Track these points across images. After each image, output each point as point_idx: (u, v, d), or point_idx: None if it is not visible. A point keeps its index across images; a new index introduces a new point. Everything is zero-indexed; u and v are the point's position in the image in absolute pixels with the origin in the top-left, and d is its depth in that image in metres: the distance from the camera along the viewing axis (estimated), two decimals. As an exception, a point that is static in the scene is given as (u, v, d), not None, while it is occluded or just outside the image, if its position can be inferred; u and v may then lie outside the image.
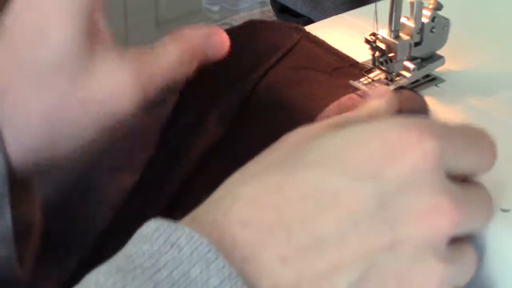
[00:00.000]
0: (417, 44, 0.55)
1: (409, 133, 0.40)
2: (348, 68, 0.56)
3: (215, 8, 1.15)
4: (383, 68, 0.55)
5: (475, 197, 0.42)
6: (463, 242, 0.42)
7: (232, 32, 0.59)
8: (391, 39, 0.54)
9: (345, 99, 0.53)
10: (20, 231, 0.46)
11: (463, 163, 0.42)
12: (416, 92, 0.54)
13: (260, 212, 0.39)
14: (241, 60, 0.57)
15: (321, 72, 0.55)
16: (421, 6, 0.54)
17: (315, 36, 0.59)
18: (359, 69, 0.56)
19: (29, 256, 0.48)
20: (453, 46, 0.57)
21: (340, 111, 0.51)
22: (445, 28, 0.56)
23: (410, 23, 0.54)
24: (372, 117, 0.44)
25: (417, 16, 0.54)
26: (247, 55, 0.57)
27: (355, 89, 0.54)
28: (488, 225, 0.45)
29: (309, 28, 0.62)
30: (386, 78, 0.55)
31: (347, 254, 0.38)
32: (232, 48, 0.58)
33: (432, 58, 0.56)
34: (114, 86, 0.47)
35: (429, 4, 0.55)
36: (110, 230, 0.52)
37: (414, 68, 0.55)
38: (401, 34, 0.55)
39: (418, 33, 0.55)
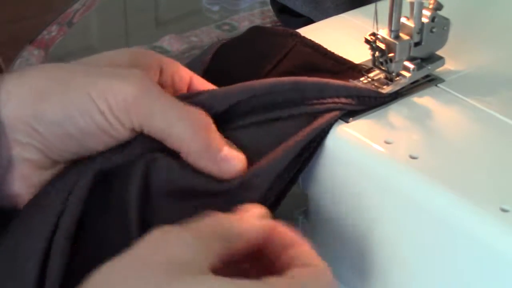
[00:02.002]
0: (417, 44, 0.55)
1: None
2: (347, 71, 0.56)
3: (215, 8, 1.15)
4: (383, 68, 0.55)
5: None
6: None
7: (232, 42, 0.59)
8: (391, 39, 0.54)
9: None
10: None
11: None
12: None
13: None
14: (237, 71, 0.57)
15: (319, 77, 0.55)
16: (421, 6, 0.54)
17: (311, 41, 0.59)
18: (358, 71, 0.56)
19: None
20: (453, 46, 0.57)
21: None
22: (445, 28, 0.56)
23: (410, 23, 0.54)
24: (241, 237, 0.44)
25: (417, 16, 0.54)
26: (243, 66, 0.57)
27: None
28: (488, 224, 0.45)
29: (309, 28, 0.62)
30: (386, 78, 0.55)
31: None
32: (231, 59, 0.58)
33: (432, 58, 0.56)
34: None
35: (429, 4, 0.55)
36: None
37: (414, 68, 0.55)
38: (401, 34, 0.55)
39: (418, 33, 0.55)
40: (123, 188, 0.48)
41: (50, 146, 0.48)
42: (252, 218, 0.45)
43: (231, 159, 0.49)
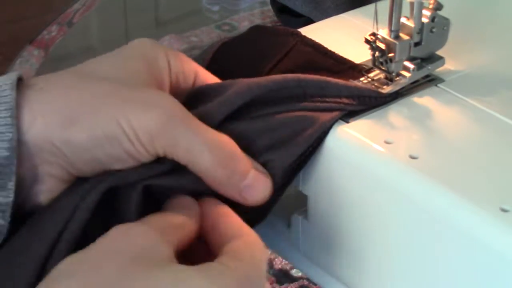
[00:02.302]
0: (417, 44, 0.55)
1: None
2: (347, 71, 0.56)
3: (215, 8, 1.15)
4: (383, 68, 0.55)
5: None
6: None
7: (233, 41, 0.59)
8: (391, 39, 0.54)
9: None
10: None
11: None
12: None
13: None
14: (237, 70, 0.57)
15: (320, 76, 0.55)
16: (421, 6, 0.54)
17: (311, 40, 0.59)
18: (358, 71, 0.56)
19: None
20: (453, 46, 0.57)
21: None
22: (445, 28, 0.56)
23: (410, 23, 0.54)
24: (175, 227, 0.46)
25: (417, 16, 0.54)
26: (244, 64, 0.57)
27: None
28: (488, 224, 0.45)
29: (309, 28, 0.62)
30: (386, 78, 0.55)
31: None
32: (232, 58, 0.58)
33: (432, 58, 0.56)
34: None
35: (429, 4, 0.55)
36: None
37: (414, 68, 0.55)
38: (401, 34, 0.55)
39: (418, 33, 0.55)
40: (126, 201, 0.49)
41: (75, 167, 0.49)
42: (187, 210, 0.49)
43: (255, 188, 0.50)
